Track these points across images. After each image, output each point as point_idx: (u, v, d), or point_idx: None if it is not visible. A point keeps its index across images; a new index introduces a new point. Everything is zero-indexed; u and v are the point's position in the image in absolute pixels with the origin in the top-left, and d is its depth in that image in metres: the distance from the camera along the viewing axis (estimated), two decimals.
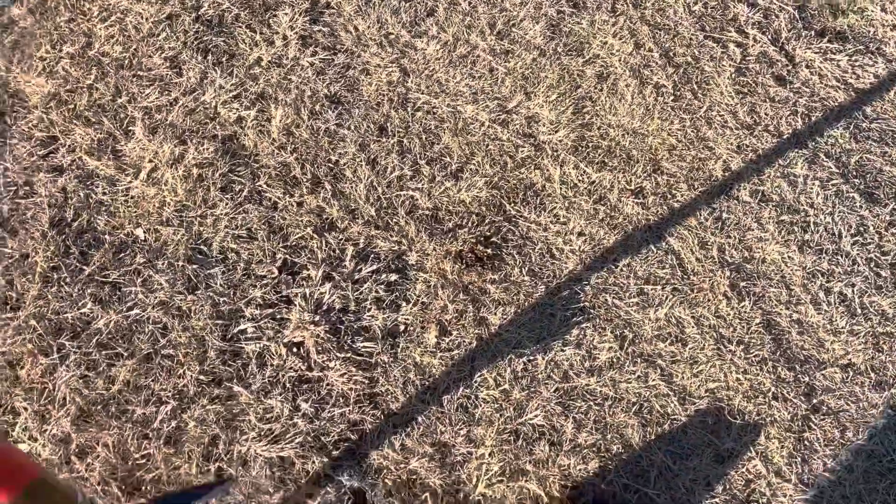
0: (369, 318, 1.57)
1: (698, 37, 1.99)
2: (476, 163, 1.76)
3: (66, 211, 1.65)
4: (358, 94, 1.82)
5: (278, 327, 1.55)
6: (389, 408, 1.50)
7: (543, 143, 1.79)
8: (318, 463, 1.44)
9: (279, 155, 1.73)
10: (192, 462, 1.41)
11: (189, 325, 1.54)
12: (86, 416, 1.45)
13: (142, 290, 1.57)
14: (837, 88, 1.95)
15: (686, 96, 1.89)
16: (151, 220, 1.64)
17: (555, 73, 1.89)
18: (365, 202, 1.69)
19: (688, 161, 1.80)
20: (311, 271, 1.60)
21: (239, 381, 1.50)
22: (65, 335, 1.52)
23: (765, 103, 1.90)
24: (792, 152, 1.84)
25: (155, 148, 1.71)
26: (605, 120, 1.84)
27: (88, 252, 1.60)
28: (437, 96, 1.83)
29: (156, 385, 1.48)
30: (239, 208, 1.66)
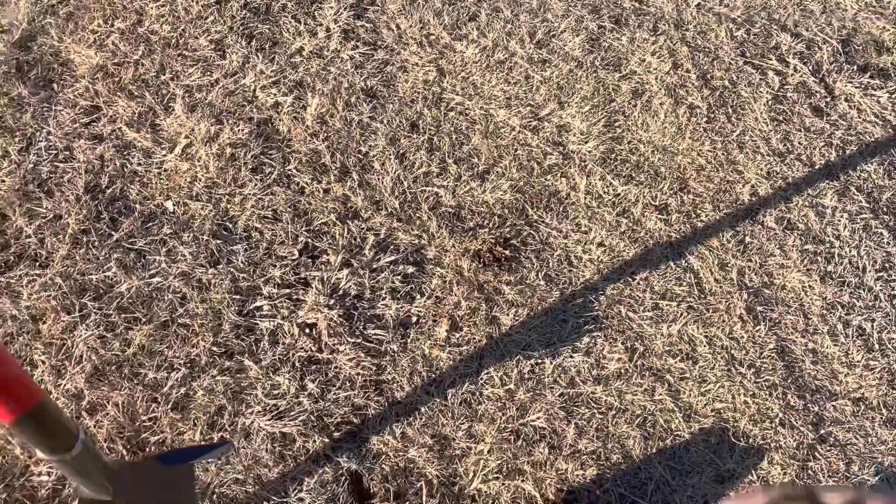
0: (383, 306, 1.59)
1: (738, 62, 1.99)
2: (503, 166, 1.78)
3: (101, 178, 1.71)
4: (394, 89, 1.86)
5: (293, 307, 1.58)
6: (394, 396, 1.52)
7: (572, 153, 1.81)
8: (318, 442, 1.46)
9: (311, 142, 1.77)
10: (197, 429, 1.45)
11: (207, 297, 1.58)
12: (99, 374, 1.49)
13: (165, 259, 1.61)
14: (875, 124, 1.94)
15: (720, 119, 1.89)
16: (182, 194, 1.69)
17: (590, 86, 1.91)
18: (390, 194, 1.72)
19: (715, 182, 1.80)
20: (331, 256, 1.64)
21: (250, 355, 1.53)
22: (88, 295, 1.56)
23: (799, 132, 1.89)
24: (822, 183, 1.83)
25: (192, 125, 1.77)
26: (635, 135, 1.85)
27: (119, 219, 1.66)
28: (471, 98, 1.86)
29: (169, 352, 1.52)
30: (267, 190, 1.71)
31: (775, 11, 2.10)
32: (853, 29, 2.09)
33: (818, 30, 2.07)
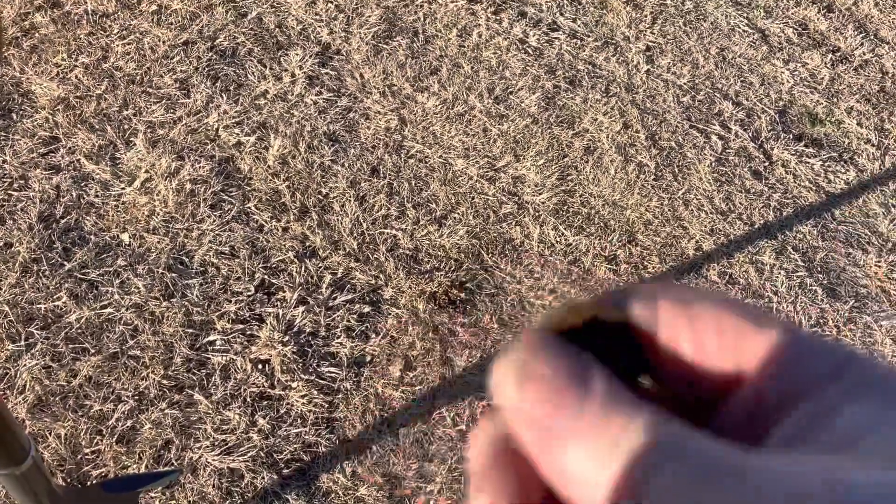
0: (338, 344, 1.61)
1: (684, 125, 2.12)
2: (460, 212, 1.84)
3: (56, 208, 1.70)
4: (356, 135, 1.92)
5: (247, 343, 1.59)
6: (346, 434, 1.52)
7: (526, 203, 1.88)
8: (267, 479, 1.45)
9: (272, 181, 1.81)
10: (143, 463, 1.42)
11: (160, 329, 1.57)
12: (43, 405, 1.46)
13: (118, 290, 1.61)
14: (810, 189, 2.07)
15: (667, 177, 2.00)
16: (138, 227, 1.70)
17: (545, 141, 2.00)
18: (349, 235, 1.76)
19: (662, 237, 1.89)
20: (287, 293, 1.65)
21: (201, 389, 1.52)
22: (35, 324, 1.54)
23: (740, 193, 2.01)
24: (762, 241, 1.94)
25: (153, 160, 1.79)
26: (587, 189, 1.94)
27: (72, 249, 1.65)
28: (431, 147, 1.93)
29: (117, 384, 1.50)
30: (225, 226, 1.73)
31: (718, 81, 2.25)
32: (789, 101, 2.24)
33: (757, 100, 2.22)
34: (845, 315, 1.85)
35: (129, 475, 1.36)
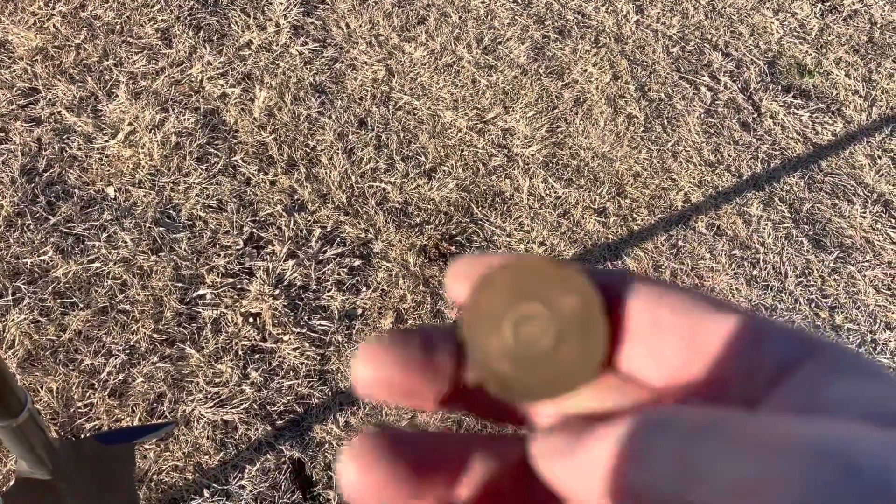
0: (328, 298, 1.62)
1: (673, 76, 2.12)
2: (450, 165, 1.84)
3: (38, 161, 1.68)
4: (342, 86, 1.90)
5: (237, 297, 1.59)
6: (338, 386, 1.54)
7: (516, 156, 1.88)
8: (261, 430, 1.47)
9: (258, 134, 1.79)
10: (136, 416, 1.44)
11: (148, 284, 1.57)
12: (33, 359, 1.47)
13: (105, 245, 1.60)
14: (797, 140, 2.08)
15: (656, 129, 2.00)
16: (124, 181, 1.68)
17: (534, 92, 1.99)
18: (337, 188, 1.75)
19: (651, 189, 1.90)
20: (277, 247, 1.66)
21: (192, 343, 1.53)
22: (22, 279, 1.54)
23: (729, 145, 2.02)
24: (749, 193, 1.96)
25: (136, 112, 1.76)
26: (576, 141, 1.94)
27: (56, 203, 1.64)
28: (419, 99, 1.92)
29: (108, 338, 1.51)
30: (212, 179, 1.72)
31: (708, 31, 2.24)
32: (778, 52, 2.24)
33: (746, 51, 2.22)
34: (830, 266, 1.88)
35: (124, 428, 1.37)
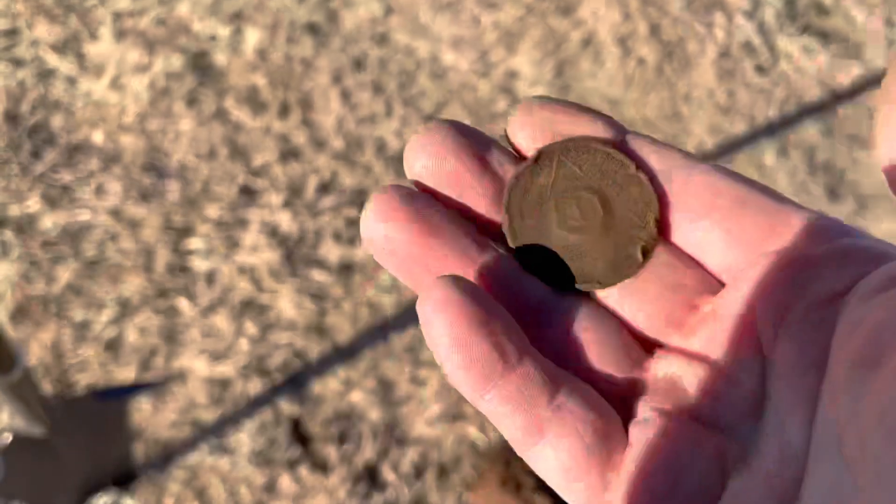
0: (326, 250, 1.62)
1: (686, 17, 2.08)
2: (451, 110, 1.82)
3: (21, 105, 1.66)
4: (337, 26, 1.87)
5: (231, 247, 1.59)
6: (336, 339, 1.56)
7: (521, 99, 1.86)
8: (258, 385, 1.49)
9: (250, 76, 1.77)
10: (130, 370, 1.45)
11: (139, 234, 1.57)
12: (24, 312, 1.47)
13: (94, 194, 1.59)
14: (813, 86, 2.06)
15: (667, 72, 1.98)
16: (111, 126, 1.67)
17: (539, 32, 1.96)
18: (334, 135, 1.74)
19: (661, 135, 1.89)
20: (272, 196, 1.65)
21: (186, 295, 1.53)
22: (9, 227, 1.53)
23: (743, 89, 2.00)
24: (763, 139, 1.94)
25: (122, 53, 1.73)
26: (584, 84, 1.92)
27: (41, 150, 1.62)
28: (418, 39, 1.89)
29: (99, 290, 1.51)
30: (203, 125, 1.70)
31: None
32: None
33: None
34: (845, 216, 1.88)
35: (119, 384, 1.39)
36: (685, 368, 0.25)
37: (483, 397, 0.24)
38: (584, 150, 0.27)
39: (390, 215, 0.25)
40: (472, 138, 0.26)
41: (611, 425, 0.24)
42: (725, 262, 0.25)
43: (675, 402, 0.24)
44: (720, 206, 0.25)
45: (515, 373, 0.23)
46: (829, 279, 0.23)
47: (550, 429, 0.24)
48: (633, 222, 0.26)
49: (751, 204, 0.25)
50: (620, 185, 0.27)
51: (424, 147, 0.26)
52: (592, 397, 0.25)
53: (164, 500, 1.39)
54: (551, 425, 0.24)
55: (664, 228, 0.26)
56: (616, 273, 0.26)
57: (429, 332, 0.24)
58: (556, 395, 0.24)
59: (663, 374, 0.25)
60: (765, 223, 0.25)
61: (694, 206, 0.25)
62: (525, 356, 0.24)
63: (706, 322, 0.25)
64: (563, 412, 0.24)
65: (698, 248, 0.26)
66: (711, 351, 0.25)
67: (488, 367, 0.23)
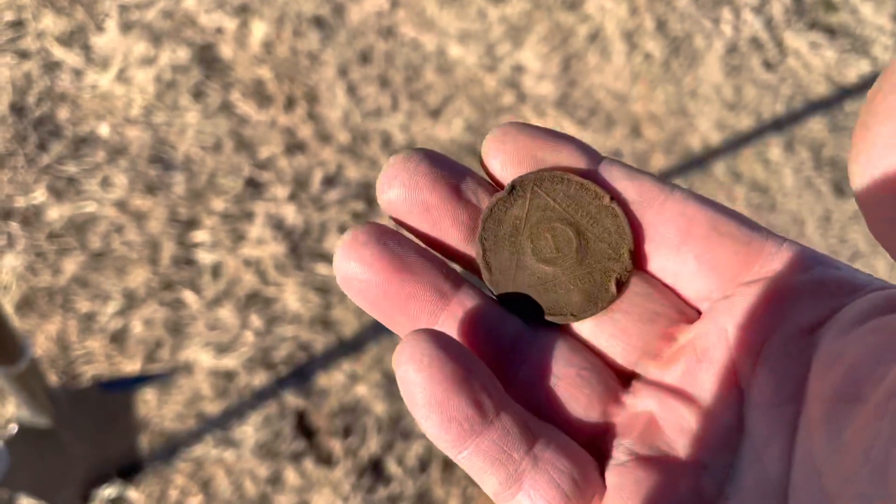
0: (331, 243, 1.62)
1: (693, 12, 2.07)
2: (457, 104, 1.81)
3: (27, 97, 1.66)
4: (344, 20, 1.86)
5: (237, 240, 1.59)
6: (341, 333, 1.55)
7: (527, 94, 1.86)
8: (263, 377, 1.48)
9: (256, 70, 1.76)
10: (136, 362, 1.45)
11: (145, 227, 1.57)
12: (30, 303, 1.47)
13: (100, 186, 1.59)
14: (821, 81, 2.05)
15: (673, 68, 1.97)
16: (117, 118, 1.66)
17: (546, 27, 1.95)
18: (339, 128, 1.73)
19: (667, 131, 1.88)
20: (277, 189, 1.65)
21: (191, 288, 1.53)
22: (15, 219, 1.53)
23: (749, 85, 1.99)
24: (770, 136, 1.93)
25: (128, 46, 1.73)
26: (590, 80, 1.91)
27: (48, 142, 1.62)
28: (425, 33, 1.88)
29: (105, 282, 1.51)
30: (209, 118, 1.69)
31: None
32: None
33: None
34: (850, 213, 1.87)
35: (125, 375, 1.39)
36: (661, 404, 0.25)
37: (460, 454, 0.24)
38: (559, 180, 0.27)
39: (361, 253, 0.25)
40: (446, 168, 0.26)
41: (587, 472, 0.24)
42: (701, 291, 0.25)
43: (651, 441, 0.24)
44: (695, 235, 0.25)
45: (493, 427, 0.23)
46: (805, 311, 0.23)
47: (528, 480, 0.24)
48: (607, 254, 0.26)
49: (725, 232, 0.25)
50: (594, 216, 0.26)
51: (397, 176, 0.25)
52: (568, 446, 0.25)
53: (169, 492, 1.39)
54: (529, 477, 0.24)
55: (639, 259, 0.26)
56: (590, 305, 0.26)
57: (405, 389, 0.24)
58: (532, 447, 0.24)
59: (640, 411, 0.25)
60: (740, 252, 0.25)
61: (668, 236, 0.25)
62: (502, 411, 0.24)
63: (683, 353, 0.25)
64: (541, 463, 0.24)
65: (674, 277, 0.26)
66: (688, 383, 0.25)
67: (467, 424, 0.23)
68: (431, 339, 0.24)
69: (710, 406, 0.24)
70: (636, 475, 0.24)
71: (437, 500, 1.46)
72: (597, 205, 0.27)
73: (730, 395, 0.24)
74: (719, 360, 0.24)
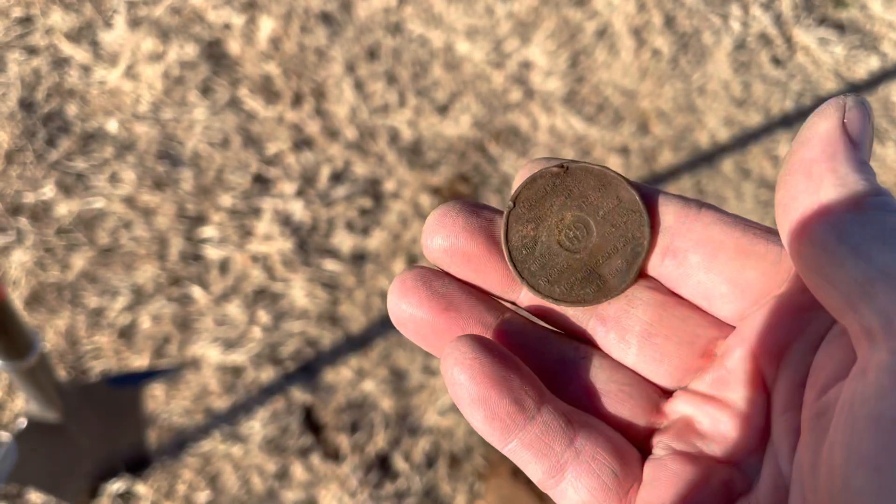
0: (339, 239, 1.62)
1: (701, 8, 2.06)
2: (464, 101, 1.81)
3: (36, 93, 1.66)
4: (351, 15, 1.86)
5: (244, 236, 1.59)
6: (349, 328, 1.55)
7: (534, 91, 1.85)
8: (270, 373, 1.49)
9: (264, 66, 1.76)
10: (144, 357, 1.45)
11: (153, 222, 1.57)
12: (39, 298, 1.48)
13: (108, 181, 1.59)
14: (830, 78, 2.04)
15: (682, 64, 1.96)
16: (125, 114, 1.67)
17: (554, 23, 1.94)
18: (347, 124, 1.73)
19: (675, 127, 1.87)
20: (285, 186, 1.65)
21: (199, 283, 1.53)
22: (24, 215, 1.54)
23: (758, 82, 1.98)
24: (778, 132, 1.92)
25: (136, 42, 1.73)
26: (598, 76, 1.90)
27: (56, 138, 1.62)
28: (432, 29, 1.88)
29: (113, 278, 1.51)
30: (217, 114, 1.69)
31: None
32: None
33: None
34: None
35: (133, 370, 1.39)
36: (698, 408, 0.27)
37: (506, 447, 0.26)
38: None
39: (410, 296, 0.28)
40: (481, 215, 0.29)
41: (627, 463, 0.27)
42: (735, 311, 0.27)
43: (688, 438, 0.27)
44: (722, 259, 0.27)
45: (535, 422, 0.26)
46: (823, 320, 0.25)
47: (571, 470, 0.26)
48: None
49: (752, 253, 0.27)
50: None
51: (439, 228, 0.29)
52: (611, 437, 0.27)
53: (177, 487, 1.39)
54: (571, 467, 0.26)
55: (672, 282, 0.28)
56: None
57: (452, 389, 0.26)
58: (574, 439, 0.26)
59: (679, 415, 0.27)
60: (768, 272, 0.27)
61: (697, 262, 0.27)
62: (543, 405, 0.26)
63: (717, 364, 0.27)
64: (583, 455, 0.26)
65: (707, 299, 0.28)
66: (722, 390, 0.27)
67: (509, 419, 0.25)
68: (475, 342, 0.26)
69: (742, 410, 0.26)
70: (672, 468, 0.26)
71: (444, 495, 1.46)
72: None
73: (759, 400, 0.26)
74: (748, 369, 0.26)
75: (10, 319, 0.86)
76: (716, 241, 0.27)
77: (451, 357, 0.25)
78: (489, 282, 0.29)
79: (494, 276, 0.29)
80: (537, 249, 0.29)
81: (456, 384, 0.25)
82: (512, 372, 0.25)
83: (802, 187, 0.22)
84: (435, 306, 0.28)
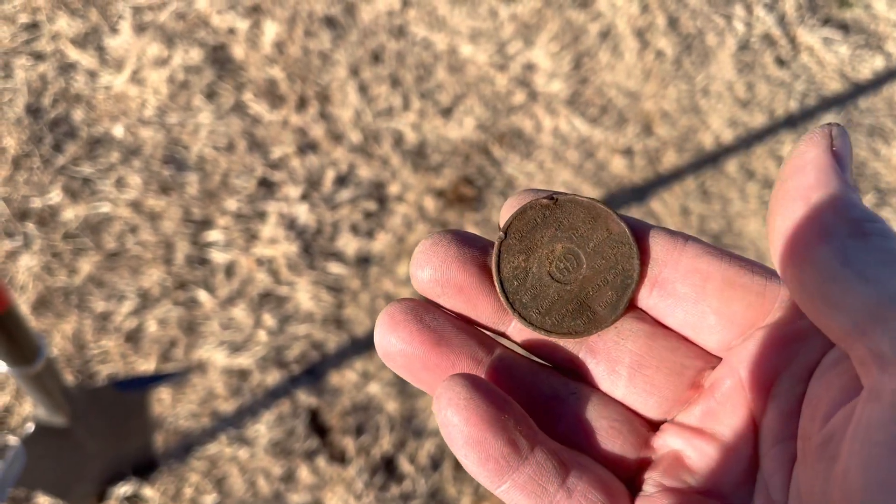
0: (343, 242, 1.62)
1: (705, 9, 2.06)
2: (468, 103, 1.81)
3: (42, 99, 1.67)
4: (355, 19, 1.87)
5: (250, 240, 1.60)
6: (354, 331, 1.56)
7: (538, 93, 1.85)
8: (276, 376, 1.49)
9: (268, 70, 1.77)
10: (150, 361, 1.46)
11: (159, 227, 1.58)
12: (46, 303, 1.48)
13: (114, 186, 1.60)
14: (834, 78, 2.04)
15: (686, 65, 1.96)
16: (131, 119, 1.67)
17: (557, 25, 1.95)
18: (351, 128, 1.74)
19: (679, 128, 1.87)
20: (289, 189, 1.65)
21: (205, 287, 1.54)
22: (31, 220, 1.55)
23: (762, 82, 1.98)
24: (782, 133, 1.92)
25: (141, 47, 1.74)
26: (602, 77, 1.90)
27: (63, 143, 1.63)
28: (436, 32, 1.88)
29: (120, 282, 1.52)
30: (222, 118, 1.70)
31: None
32: None
33: None
34: None
35: (140, 374, 1.40)
36: (686, 441, 0.27)
37: (499, 488, 0.26)
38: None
39: (400, 330, 0.27)
40: (472, 245, 0.28)
41: (617, 502, 0.26)
42: (722, 342, 0.27)
43: (677, 473, 0.27)
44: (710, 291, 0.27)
45: (528, 463, 0.25)
46: (809, 353, 0.25)
47: None
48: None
49: (739, 285, 0.27)
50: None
51: (429, 259, 0.28)
52: (601, 476, 0.27)
53: (184, 490, 1.40)
54: None
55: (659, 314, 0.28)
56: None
57: (445, 430, 0.26)
58: (566, 479, 0.26)
59: (667, 449, 0.27)
60: (754, 303, 0.27)
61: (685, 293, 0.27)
62: (536, 446, 0.26)
63: (706, 396, 0.27)
64: (574, 494, 0.26)
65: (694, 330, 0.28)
66: (710, 423, 0.27)
67: (503, 461, 0.25)
68: (468, 382, 0.25)
69: (729, 442, 0.26)
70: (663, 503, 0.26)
71: (449, 497, 1.46)
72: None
73: (747, 432, 0.26)
74: (736, 401, 0.26)
75: (17, 326, 0.87)
76: (703, 273, 0.27)
77: (444, 397, 0.25)
78: (480, 313, 0.28)
79: (486, 308, 0.28)
80: (528, 280, 0.29)
81: (450, 425, 0.25)
82: (506, 413, 0.25)
83: (801, 214, 0.22)
84: (426, 341, 0.27)
